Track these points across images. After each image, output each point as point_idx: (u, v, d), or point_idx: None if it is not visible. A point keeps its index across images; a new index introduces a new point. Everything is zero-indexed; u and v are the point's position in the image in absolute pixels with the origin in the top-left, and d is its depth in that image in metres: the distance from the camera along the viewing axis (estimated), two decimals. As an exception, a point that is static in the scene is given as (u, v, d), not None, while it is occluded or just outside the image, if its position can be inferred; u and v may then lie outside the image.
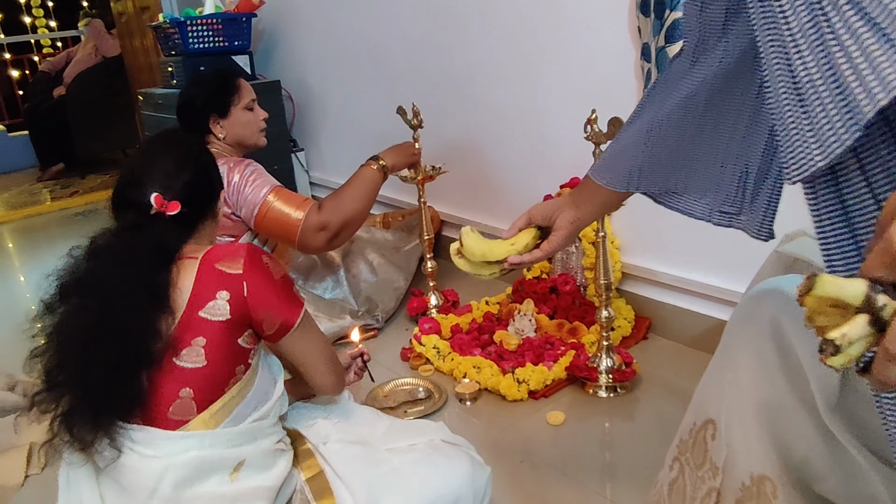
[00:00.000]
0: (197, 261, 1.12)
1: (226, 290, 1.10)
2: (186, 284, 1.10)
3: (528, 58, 2.35)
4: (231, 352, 1.12)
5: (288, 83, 3.69)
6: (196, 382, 1.08)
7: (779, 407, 0.94)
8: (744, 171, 1.03)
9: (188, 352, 1.08)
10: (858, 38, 0.58)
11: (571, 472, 1.58)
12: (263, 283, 1.13)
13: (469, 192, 2.77)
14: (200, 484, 1.07)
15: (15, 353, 2.54)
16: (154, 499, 1.04)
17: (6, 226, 4.44)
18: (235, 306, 1.11)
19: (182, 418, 1.07)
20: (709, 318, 2.01)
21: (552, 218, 1.18)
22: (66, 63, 5.63)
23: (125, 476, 1.06)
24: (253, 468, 1.12)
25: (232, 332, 1.11)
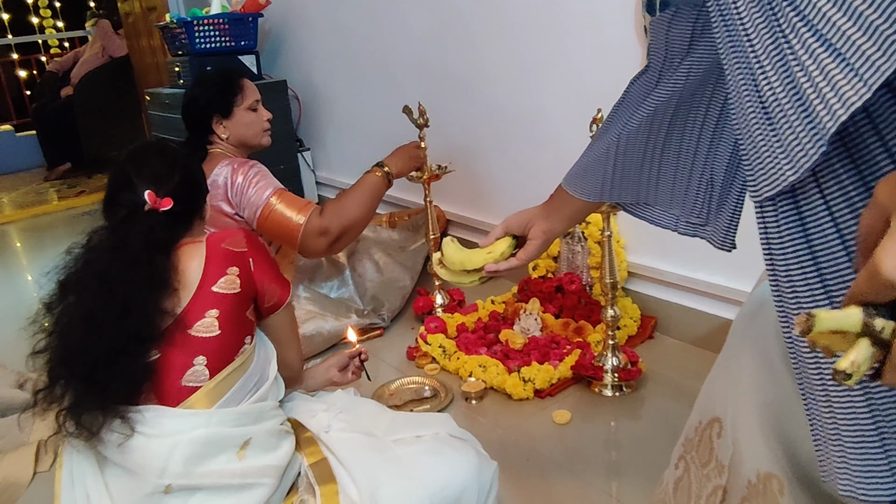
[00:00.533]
0: (203, 243, 1.22)
1: (235, 265, 1.21)
2: (196, 264, 1.18)
3: (534, 57, 2.35)
4: (240, 322, 1.20)
5: (294, 83, 3.70)
6: (210, 350, 1.15)
7: (784, 405, 0.94)
8: (708, 184, 1.08)
9: (202, 323, 1.15)
10: (816, 57, 0.60)
11: (577, 471, 1.58)
12: (265, 259, 1.26)
13: (475, 191, 2.78)
14: (209, 461, 1.10)
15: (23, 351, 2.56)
16: (164, 478, 1.06)
17: (13, 225, 4.46)
18: (244, 280, 1.21)
19: (195, 385, 1.13)
20: (715, 317, 2.02)
21: (526, 227, 1.23)
22: (74, 63, 5.65)
23: (133, 459, 1.07)
24: (259, 448, 1.16)
25: (241, 304, 1.21)
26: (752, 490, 1.00)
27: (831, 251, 0.66)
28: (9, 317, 2.90)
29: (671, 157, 1.09)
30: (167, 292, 1.14)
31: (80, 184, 5.31)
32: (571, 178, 1.21)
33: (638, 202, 1.20)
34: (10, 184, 5.57)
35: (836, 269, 0.66)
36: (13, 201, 5.01)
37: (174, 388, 1.12)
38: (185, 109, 2.11)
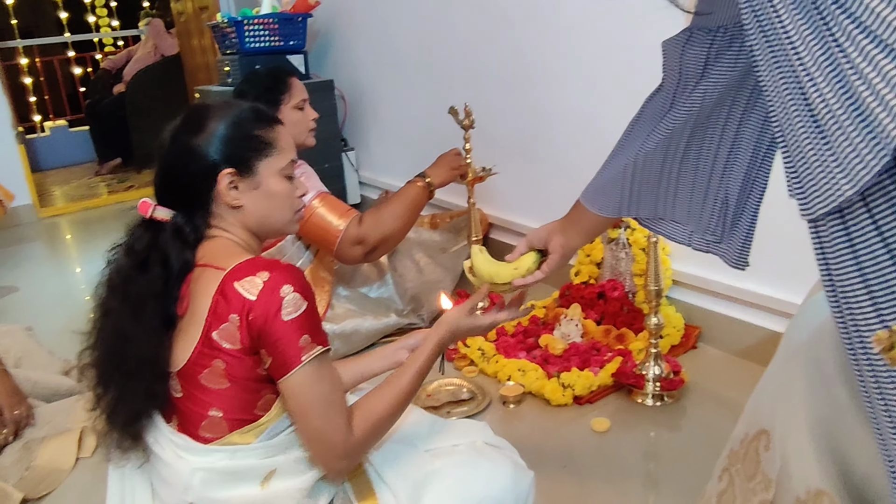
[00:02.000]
0: (222, 273, 1.04)
1: (237, 314, 1.01)
2: (206, 301, 1.03)
3: (585, 58, 2.32)
4: (254, 379, 1.05)
5: (341, 83, 3.73)
6: (224, 404, 1.05)
7: (839, 420, 0.90)
8: (723, 202, 1.11)
9: (209, 373, 1.04)
10: (873, 61, 0.57)
11: (615, 481, 1.55)
12: (270, 317, 1.01)
13: (519, 194, 2.76)
14: (230, 488, 1.07)
15: (71, 340, 2.61)
16: (187, 495, 1.07)
17: (65, 217, 4.58)
18: (245, 334, 1.02)
19: (214, 436, 1.06)
20: (762, 329, 1.96)
21: (546, 242, 1.30)
22: (127, 61, 5.79)
23: (164, 469, 1.10)
24: (285, 475, 1.10)
25: (250, 363, 1.04)
26: (801, 507, 0.97)
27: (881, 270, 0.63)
28: (58, 306, 2.97)
29: (687, 176, 1.12)
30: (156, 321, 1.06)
31: (129, 179, 5.43)
32: (589, 194, 1.26)
33: (654, 217, 1.22)
34: (63, 177, 5.73)
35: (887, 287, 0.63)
36: (65, 194, 5.14)
37: (193, 433, 1.06)
38: None
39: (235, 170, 1.11)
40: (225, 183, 1.10)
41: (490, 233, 2.91)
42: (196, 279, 1.08)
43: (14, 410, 1.80)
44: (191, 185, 1.11)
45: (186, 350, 1.04)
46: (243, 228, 1.15)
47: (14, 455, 1.73)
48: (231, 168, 1.10)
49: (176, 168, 1.12)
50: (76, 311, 2.93)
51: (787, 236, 1.87)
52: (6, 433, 1.77)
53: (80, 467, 1.75)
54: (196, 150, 1.11)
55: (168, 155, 1.13)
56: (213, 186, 1.10)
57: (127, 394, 1.07)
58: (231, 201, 1.11)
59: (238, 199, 1.12)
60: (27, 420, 1.83)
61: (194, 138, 1.11)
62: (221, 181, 1.10)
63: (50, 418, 1.87)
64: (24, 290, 3.20)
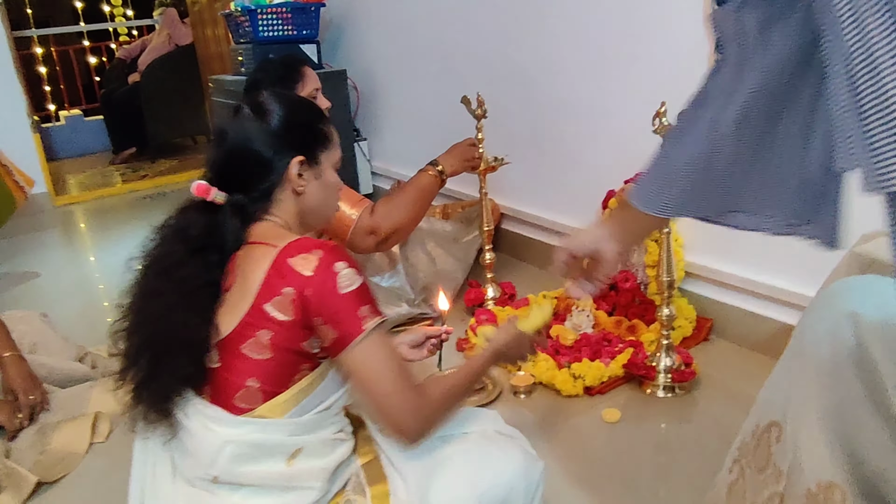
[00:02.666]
0: (275, 251, 1.07)
1: (292, 287, 1.05)
2: (258, 275, 1.06)
3: (598, 49, 2.31)
4: (296, 352, 1.09)
5: (353, 73, 3.72)
6: (263, 374, 1.07)
7: (852, 412, 0.90)
8: (807, 180, 1.00)
9: (254, 342, 1.06)
10: None
11: (625, 472, 1.55)
12: (328, 291, 1.04)
13: (531, 184, 2.75)
14: (256, 463, 1.09)
15: (85, 327, 2.64)
16: (213, 468, 1.08)
17: (79, 206, 4.62)
18: (298, 308, 1.05)
19: (247, 407, 1.08)
20: (775, 321, 1.95)
21: (593, 251, 1.15)
22: (141, 50, 5.81)
23: (189, 441, 1.10)
24: (311, 455, 1.12)
25: (297, 334, 1.07)
26: (812, 499, 0.96)
27: None
28: (73, 294, 3.00)
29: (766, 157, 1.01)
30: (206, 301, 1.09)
31: (143, 168, 5.46)
32: (643, 194, 1.10)
33: (724, 210, 1.10)
34: (78, 166, 5.76)
35: None
36: (80, 183, 5.17)
37: (227, 403, 1.09)
38: (246, 93, 2.14)
39: (305, 158, 1.16)
40: (295, 169, 1.15)
41: (502, 223, 2.91)
42: (244, 256, 1.11)
43: (29, 395, 1.82)
44: (262, 169, 1.15)
45: (232, 321, 1.07)
46: (296, 215, 1.19)
47: (29, 439, 1.75)
48: (302, 156, 1.16)
49: (247, 152, 1.15)
50: (91, 298, 2.96)
51: (801, 228, 1.86)
52: (21, 418, 1.79)
53: (94, 451, 1.77)
54: (272, 136, 1.15)
55: (238, 140, 1.16)
56: (284, 172, 1.15)
57: (165, 372, 1.08)
58: (297, 187, 1.17)
59: (302, 185, 1.17)
60: (42, 405, 1.85)
61: (269, 126, 1.15)
62: (292, 167, 1.15)
63: (64, 404, 1.89)
64: (39, 277, 3.23)
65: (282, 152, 1.15)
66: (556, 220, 2.65)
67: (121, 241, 3.75)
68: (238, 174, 1.16)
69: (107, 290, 3.03)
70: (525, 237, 2.82)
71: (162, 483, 1.14)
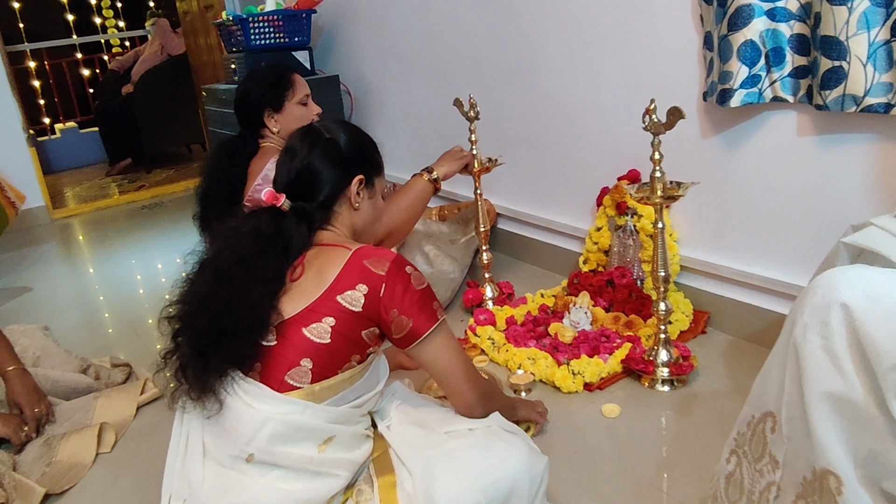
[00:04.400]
0: (349, 252, 1.24)
1: (366, 284, 1.21)
2: (335, 269, 1.22)
3: (588, 47, 2.33)
4: (353, 340, 1.22)
5: (346, 78, 3.74)
6: (317, 356, 1.19)
7: (847, 399, 0.91)
8: None
9: (317, 327, 1.19)
10: None
11: (626, 465, 1.57)
12: (401, 289, 1.23)
13: (525, 184, 2.77)
14: (292, 445, 1.17)
15: (87, 338, 2.66)
16: (250, 446, 1.16)
17: (77, 218, 4.62)
18: (369, 302, 1.21)
19: (295, 384, 1.18)
20: (770, 312, 1.97)
21: None
22: (134, 61, 5.82)
23: (228, 419, 1.18)
24: (340, 446, 1.22)
25: (359, 324, 1.22)
26: (808, 487, 0.98)
27: None
28: (73, 306, 3.01)
29: None
30: (275, 287, 1.22)
31: (140, 178, 5.47)
32: None
33: None
34: (74, 178, 5.78)
35: None
36: (77, 195, 5.19)
37: (277, 378, 1.19)
38: (237, 103, 2.16)
39: (364, 178, 1.35)
40: (356, 187, 1.34)
41: (498, 223, 2.92)
42: (316, 254, 1.27)
43: (35, 408, 1.83)
44: (328, 182, 1.32)
45: (298, 306, 1.21)
46: (350, 228, 1.37)
47: (35, 451, 1.76)
48: (362, 175, 1.35)
49: (317, 167, 1.32)
50: (91, 310, 2.97)
51: (793, 221, 1.88)
52: (27, 430, 1.80)
53: (100, 462, 1.79)
54: (341, 156, 1.33)
55: (310, 157, 1.32)
56: (346, 188, 1.33)
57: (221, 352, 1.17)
58: (354, 203, 1.35)
59: (359, 202, 1.36)
60: (48, 417, 1.87)
61: (339, 147, 1.34)
62: (354, 185, 1.33)
63: (69, 415, 1.91)
64: (39, 290, 3.24)
65: (346, 171, 1.33)
66: (551, 219, 2.66)
67: (120, 252, 3.76)
68: (305, 186, 1.31)
69: (108, 301, 3.04)
70: (521, 236, 2.84)
71: (192, 462, 1.22)
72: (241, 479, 1.17)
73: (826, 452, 0.94)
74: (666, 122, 1.63)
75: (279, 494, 1.16)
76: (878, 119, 1.63)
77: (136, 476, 1.72)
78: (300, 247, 1.28)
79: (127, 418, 1.94)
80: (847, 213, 1.74)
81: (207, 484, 1.18)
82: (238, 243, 1.25)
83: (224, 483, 1.17)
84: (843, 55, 1.56)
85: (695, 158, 2.05)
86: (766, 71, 1.76)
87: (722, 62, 1.79)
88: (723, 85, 1.80)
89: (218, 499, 1.16)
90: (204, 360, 1.18)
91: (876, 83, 1.54)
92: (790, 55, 1.73)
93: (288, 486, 1.17)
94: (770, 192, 1.91)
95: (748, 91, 1.79)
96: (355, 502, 1.23)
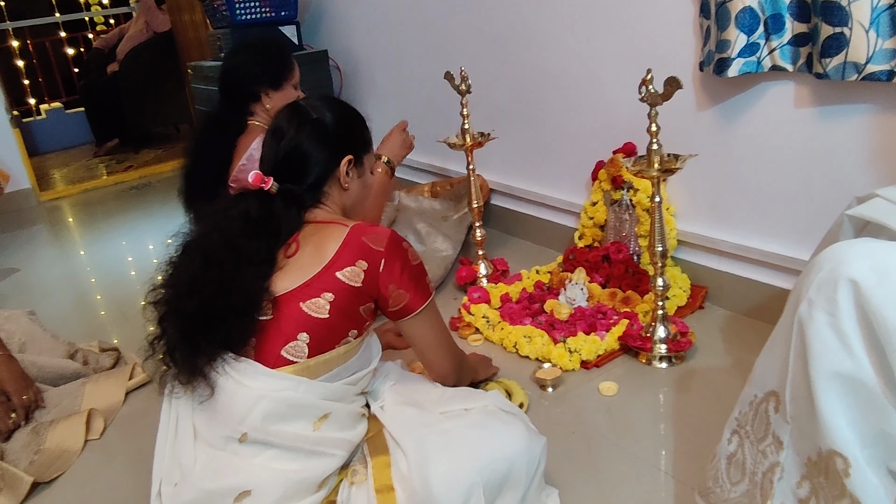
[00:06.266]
0: (346, 229, 1.25)
1: (365, 260, 1.23)
2: (333, 246, 1.23)
3: (581, 17, 2.27)
4: (351, 314, 1.23)
5: (335, 53, 3.67)
6: (314, 331, 1.20)
7: (855, 378, 0.88)
8: None
9: (315, 302, 1.20)
10: None
11: (625, 444, 1.54)
12: (399, 264, 1.26)
13: (518, 158, 2.72)
14: (286, 423, 1.17)
15: (75, 322, 2.62)
16: (243, 425, 1.14)
17: (65, 200, 4.56)
18: (369, 277, 1.23)
19: (291, 359, 1.18)
20: (769, 286, 1.94)
21: None
22: (119, 39, 5.71)
23: (220, 400, 1.17)
24: (336, 424, 1.22)
25: (357, 299, 1.24)
26: (813, 468, 0.96)
27: None
28: (62, 290, 2.97)
29: None
30: (267, 269, 1.22)
31: (128, 159, 5.40)
32: None
33: None
34: (61, 160, 5.69)
35: None
36: (64, 177, 5.12)
37: (273, 353, 1.18)
38: (228, 75, 2.08)
39: (353, 157, 1.34)
40: (345, 167, 1.33)
41: (491, 199, 2.88)
42: (312, 231, 1.27)
43: (22, 395, 1.80)
44: (317, 164, 1.31)
45: (295, 281, 1.21)
46: (340, 206, 1.36)
47: (23, 439, 1.73)
48: (350, 155, 1.34)
49: (306, 149, 1.30)
50: (81, 293, 2.93)
51: (792, 194, 1.84)
52: (15, 418, 1.77)
53: (89, 449, 1.76)
54: (328, 136, 1.32)
55: (297, 138, 1.30)
56: (335, 168, 1.33)
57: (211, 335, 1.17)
58: (343, 183, 1.34)
59: (348, 182, 1.35)
60: (37, 404, 1.83)
61: (326, 127, 1.32)
62: (343, 165, 1.33)
63: (57, 402, 1.87)
64: (27, 273, 3.19)
65: (335, 152, 1.32)
66: (545, 194, 2.62)
67: (109, 234, 3.71)
68: (293, 168, 1.30)
69: (97, 284, 3.00)
70: (515, 212, 2.80)
71: (183, 444, 1.21)
72: (234, 461, 1.16)
73: (832, 433, 0.91)
74: (663, 93, 1.59)
75: (273, 475, 1.15)
76: (880, 87, 1.58)
77: (125, 462, 1.69)
78: (291, 229, 1.27)
79: (116, 404, 1.91)
80: (847, 185, 1.70)
81: (199, 466, 1.17)
82: (227, 226, 1.23)
83: (216, 465, 1.16)
84: (844, 21, 1.51)
85: (690, 130, 2.01)
86: (764, 39, 1.72)
87: (719, 30, 1.74)
88: (720, 54, 1.76)
89: (210, 481, 1.14)
90: (192, 344, 1.16)
91: (878, 50, 1.50)
92: (790, 22, 1.68)
93: (282, 465, 1.16)
94: (768, 164, 1.87)
95: (746, 60, 1.74)
96: (350, 483, 1.22)
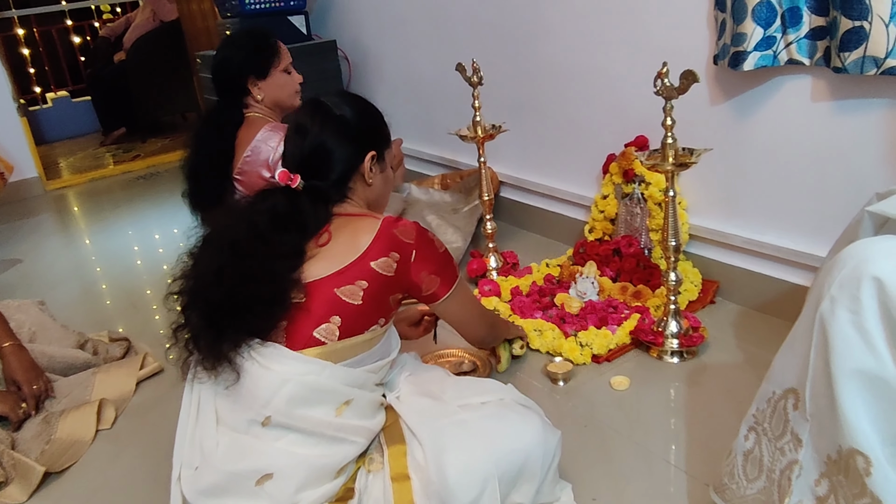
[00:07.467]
0: (378, 222, 1.30)
1: (397, 252, 1.28)
2: (367, 238, 1.27)
3: (594, 8, 2.25)
4: (381, 303, 1.28)
5: (343, 43, 3.65)
6: (347, 315, 1.23)
7: (877, 376, 0.87)
8: None
9: (349, 288, 1.23)
10: None
11: (636, 438, 1.54)
12: (429, 254, 1.32)
13: (530, 151, 2.71)
14: (310, 407, 1.18)
15: (85, 312, 2.61)
16: (267, 408, 1.16)
17: (72, 189, 4.56)
18: (400, 268, 1.28)
19: (323, 340, 1.21)
20: (782, 282, 1.93)
21: None
22: (126, 28, 5.69)
23: (245, 385, 1.18)
24: (357, 411, 1.24)
25: (389, 287, 1.29)
26: (833, 467, 0.95)
27: None
28: (69, 280, 2.96)
29: None
30: (296, 261, 1.24)
31: (135, 148, 5.38)
32: None
33: None
34: (68, 149, 5.69)
35: None
36: (71, 166, 5.11)
37: (305, 334, 1.21)
38: (217, 72, 2.07)
39: (376, 153, 1.36)
40: (368, 163, 1.35)
41: (501, 191, 2.87)
42: (344, 223, 1.31)
43: (33, 385, 1.80)
44: (341, 160, 1.33)
45: (330, 267, 1.25)
46: (365, 201, 1.39)
47: (34, 429, 1.73)
48: (374, 151, 1.36)
49: (330, 146, 1.32)
50: (88, 283, 2.92)
51: (808, 189, 1.83)
52: (26, 408, 1.77)
53: (100, 438, 1.76)
54: (352, 133, 1.33)
55: (322, 135, 1.32)
56: (359, 164, 1.35)
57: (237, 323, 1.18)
58: (368, 178, 1.36)
59: (372, 177, 1.37)
60: (47, 394, 1.83)
61: (349, 124, 1.33)
62: (367, 161, 1.35)
63: (67, 391, 1.87)
64: (33, 263, 3.19)
65: (358, 148, 1.34)
66: (556, 187, 2.61)
67: (116, 223, 3.70)
68: (318, 165, 1.32)
69: (105, 274, 2.99)
70: (526, 205, 2.79)
71: (205, 428, 1.21)
72: (257, 444, 1.17)
73: (854, 431, 0.90)
74: (679, 86, 1.57)
75: (294, 459, 1.16)
76: (898, 82, 1.57)
77: (137, 452, 1.69)
78: (318, 223, 1.30)
79: (126, 393, 1.91)
80: (864, 181, 1.69)
81: (221, 450, 1.18)
82: (255, 220, 1.25)
83: (239, 448, 1.17)
84: (864, 14, 1.49)
85: (704, 124, 1.99)
86: (781, 32, 1.70)
87: (735, 23, 1.73)
88: (736, 47, 1.74)
89: (233, 463, 1.16)
90: (217, 330, 1.18)
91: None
92: (807, 15, 1.66)
93: (304, 450, 1.18)
94: (783, 158, 1.86)
95: (762, 53, 1.72)
96: (367, 470, 1.23)
